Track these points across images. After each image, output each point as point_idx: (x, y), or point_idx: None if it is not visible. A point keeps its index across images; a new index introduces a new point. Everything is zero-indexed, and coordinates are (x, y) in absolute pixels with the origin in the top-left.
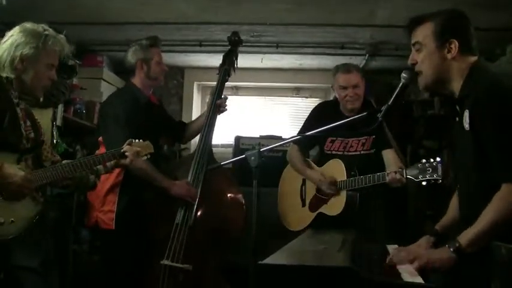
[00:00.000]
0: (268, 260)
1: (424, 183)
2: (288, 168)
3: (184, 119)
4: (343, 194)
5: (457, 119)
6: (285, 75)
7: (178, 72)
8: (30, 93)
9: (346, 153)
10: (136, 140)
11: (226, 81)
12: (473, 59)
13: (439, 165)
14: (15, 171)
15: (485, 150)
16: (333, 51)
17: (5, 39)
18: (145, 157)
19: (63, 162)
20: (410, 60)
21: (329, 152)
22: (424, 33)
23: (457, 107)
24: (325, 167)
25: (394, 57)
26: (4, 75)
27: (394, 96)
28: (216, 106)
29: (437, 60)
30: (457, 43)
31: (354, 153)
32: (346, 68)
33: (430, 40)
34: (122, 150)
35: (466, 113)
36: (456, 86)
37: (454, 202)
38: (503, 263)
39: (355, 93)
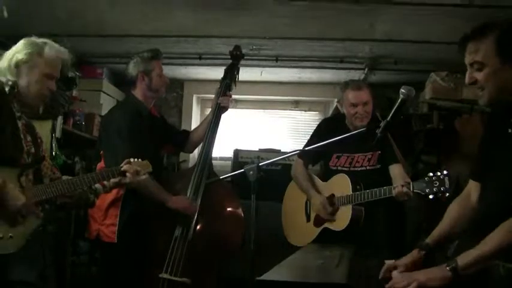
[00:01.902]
0: (267, 276)
1: (431, 196)
2: (292, 183)
3: None
4: (349, 209)
5: (510, 130)
6: (284, 88)
7: (178, 85)
8: (26, 101)
9: (352, 169)
10: (135, 159)
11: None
12: None
13: (446, 178)
14: (18, 195)
15: None
16: (332, 65)
17: (10, 50)
18: (144, 176)
19: (63, 178)
20: (469, 80)
21: (335, 168)
22: (483, 52)
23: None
24: (330, 182)
25: (394, 71)
26: (7, 88)
27: (393, 111)
28: (220, 109)
29: (503, 76)
30: None
31: (360, 168)
32: (356, 85)
33: (493, 57)
34: (122, 169)
35: None
36: None
37: (452, 209)
38: (501, 281)
39: (365, 110)
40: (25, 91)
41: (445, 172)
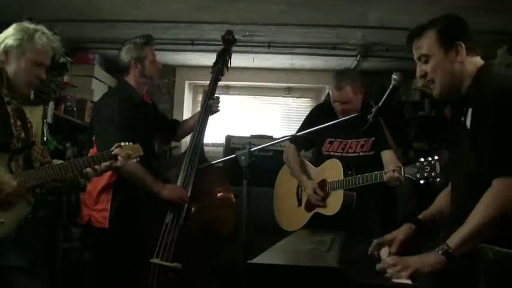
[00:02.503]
0: (257, 260)
1: (422, 181)
2: (284, 168)
3: (175, 118)
4: (340, 194)
5: (462, 118)
6: (276, 75)
7: (170, 71)
8: (15, 88)
9: (344, 154)
10: (126, 143)
11: (220, 80)
12: (480, 60)
13: (437, 163)
14: (8, 179)
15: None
16: (325, 52)
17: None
18: (135, 160)
19: (54, 162)
20: (419, 73)
21: (327, 153)
22: (428, 44)
23: (464, 107)
24: (322, 167)
25: (386, 58)
26: None
27: (384, 98)
28: (208, 106)
29: (449, 65)
30: (463, 45)
31: (352, 154)
32: (337, 85)
33: (436, 48)
34: (113, 153)
35: (469, 112)
36: (464, 86)
37: (440, 198)
38: (490, 265)
39: (346, 108)
40: (13, 77)
41: (436, 157)
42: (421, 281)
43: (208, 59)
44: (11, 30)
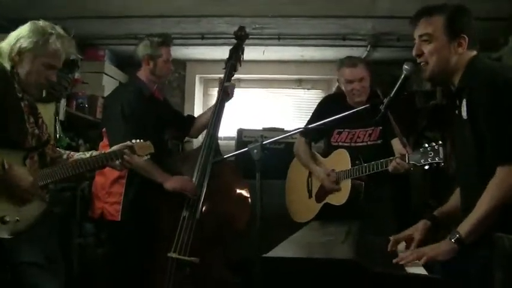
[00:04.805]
0: (273, 253)
1: (426, 167)
2: (295, 160)
3: (186, 112)
4: (348, 183)
5: (457, 111)
6: (287, 67)
7: (180, 65)
8: (24, 87)
9: (353, 144)
10: (137, 140)
11: (233, 75)
12: (473, 52)
13: (441, 148)
14: (25, 175)
15: (482, 138)
16: (335, 43)
17: (14, 31)
18: (145, 157)
19: (75, 155)
20: (416, 51)
21: (336, 143)
22: (434, 26)
23: (457, 99)
24: (330, 158)
25: (396, 48)
26: (8, 68)
27: (396, 88)
28: (224, 93)
29: (447, 54)
30: (467, 38)
31: (361, 144)
32: (351, 62)
33: (442, 34)
34: (125, 152)
35: (464, 103)
36: (456, 78)
37: (457, 193)
38: (507, 254)
39: (362, 86)
40: (24, 78)
41: (439, 142)
42: (436, 272)
43: (219, 52)
44: (26, 30)
